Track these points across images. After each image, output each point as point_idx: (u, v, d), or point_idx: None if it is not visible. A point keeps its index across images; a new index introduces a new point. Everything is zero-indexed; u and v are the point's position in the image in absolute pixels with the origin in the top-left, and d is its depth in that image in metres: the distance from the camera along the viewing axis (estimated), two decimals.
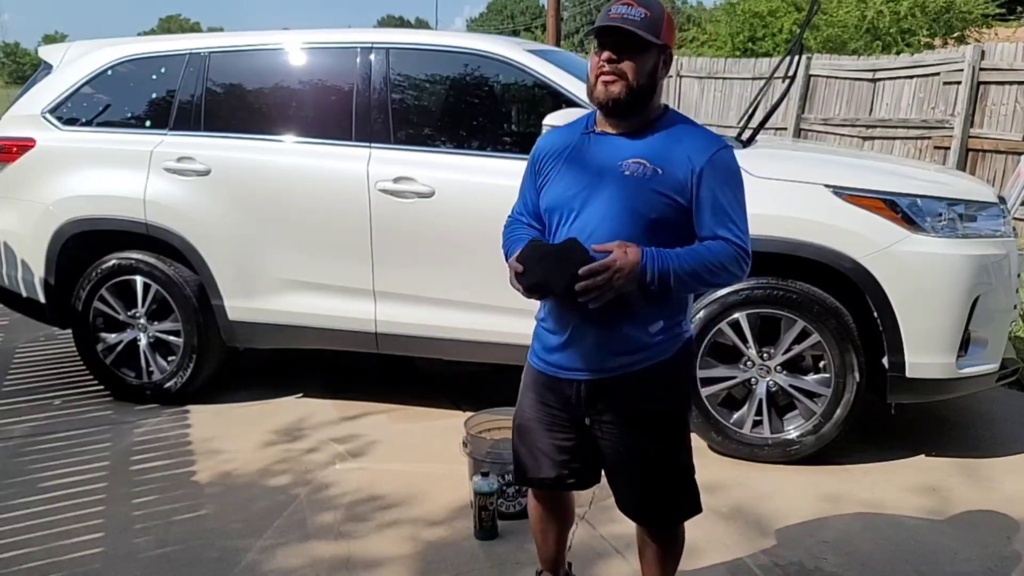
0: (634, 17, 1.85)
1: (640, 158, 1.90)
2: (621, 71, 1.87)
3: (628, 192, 1.89)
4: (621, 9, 1.86)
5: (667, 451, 2.06)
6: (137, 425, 3.92)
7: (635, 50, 1.87)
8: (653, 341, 1.97)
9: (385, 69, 3.86)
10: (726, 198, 1.91)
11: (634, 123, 1.94)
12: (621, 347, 1.96)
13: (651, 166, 1.89)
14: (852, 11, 15.28)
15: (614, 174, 1.91)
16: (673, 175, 1.89)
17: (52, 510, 3.13)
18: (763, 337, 3.45)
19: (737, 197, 1.94)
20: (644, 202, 1.89)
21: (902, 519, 3.07)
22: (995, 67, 8.68)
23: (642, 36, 1.85)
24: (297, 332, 3.97)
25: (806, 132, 11.03)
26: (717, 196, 1.90)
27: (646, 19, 1.85)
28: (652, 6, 1.87)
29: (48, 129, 4.20)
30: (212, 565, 2.78)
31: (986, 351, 3.40)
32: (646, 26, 1.85)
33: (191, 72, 4.08)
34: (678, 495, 2.11)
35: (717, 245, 1.90)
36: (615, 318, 1.92)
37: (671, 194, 1.89)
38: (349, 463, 3.53)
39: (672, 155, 1.90)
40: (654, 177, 1.88)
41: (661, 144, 1.92)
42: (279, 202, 3.87)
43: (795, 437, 3.45)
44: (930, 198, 3.33)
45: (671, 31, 1.93)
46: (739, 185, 1.95)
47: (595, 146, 1.97)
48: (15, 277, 4.28)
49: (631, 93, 1.88)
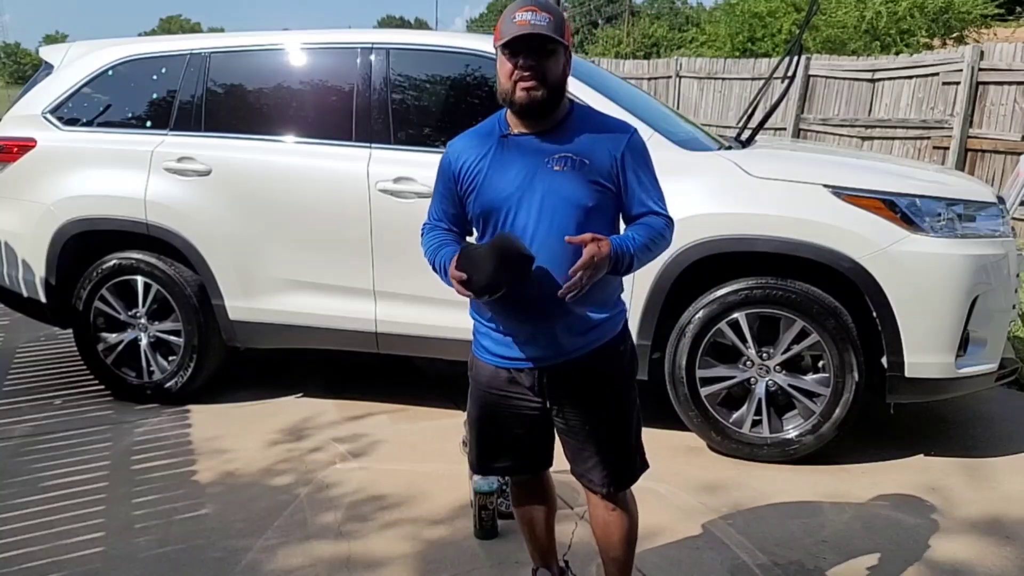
0: (541, 23, 1.94)
1: (565, 152, 2.00)
2: (540, 75, 1.95)
3: (562, 185, 1.99)
4: (527, 16, 1.94)
5: (625, 414, 2.18)
6: (138, 425, 3.93)
7: (547, 54, 1.96)
8: (604, 318, 2.09)
9: (385, 69, 3.86)
10: (648, 177, 2.08)
11: (549, 121, 2.03)
12: (580, 329, 2.06)
13: (578, 158, 2.00)
14: (851, 11, 15.29)
15: (545, 171, 2.00)
16: (599, 163, 2.01)
17: (53, 510, 3.14)
18: (762, 337, 3.46)
19: (654, 173, 2.10)
20: (580, 193, 1.99)
21: (901, 519, 3.08)
22: (994, 67, 8.68)
23: (556, 40, 1.94)
24: (297, 332, 3.98)
25: (805, 132, 11.04)
26: (640, 176, 2.05)
27: (551, 23, 1.95)
28: (552, 11, 1.97)
29: (49, 129, 4.21)
30: (213, 565, 2.79)
31: (985, 351, 3.41)
32: (554, 29, 1.95)
33: (192, 72, 4.09)
34: (635, 452, 2.22)
35: (653, 219, 2.06)
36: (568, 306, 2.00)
37: (602, 181, 2.01)
38: (350, 463, 3.54)
39: (593, 145, 2.02)
40: (583, 167, 2.00)
41: (579, 137, 2.03)
42: (279, 202, 3.88)
43: (794, 437, 3.46)
44: (929, 198, 3.33)
45: (569, 32, 2.03)
46: (651, 162, 2.10)
47: (517, 147, 2.04)
48: (16, 277, 4.28)
49: (550, 94, 1.98)
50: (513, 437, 2.24)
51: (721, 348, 3.49)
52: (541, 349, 2.08)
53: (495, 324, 2.14)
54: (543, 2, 1.97)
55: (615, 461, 2.19)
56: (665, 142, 3.49)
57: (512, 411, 2.20)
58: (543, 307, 2.02)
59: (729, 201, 3.42)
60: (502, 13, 2.04)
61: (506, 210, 2.02)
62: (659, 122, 3.73)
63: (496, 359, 2.17)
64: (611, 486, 2.20)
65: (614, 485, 2.21)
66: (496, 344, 2.16)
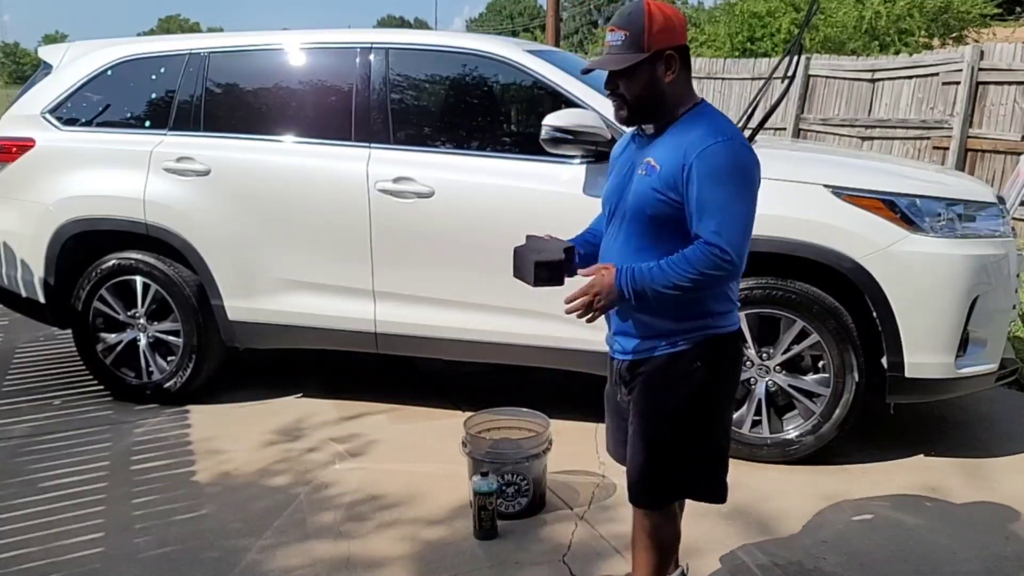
0: (616, 43, 1.97)
1: (650, 157, 2.01)
2: (621, 95, 2.01)
3: (636, 192, 2.01)
4: (609, 37, 2.00)
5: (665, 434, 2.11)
6: (137, 425, 3.92)
7: (620, 76, 1.99)
8: (669, 329, 2.06)
9: (384, 69, 3.86)
10: (714, 195, 1.89)
11: (661, 124, 2.04)
12: (641, 332, 2.09)
13: (656, 165, 1.98)
14: (850, 11, 15.29)
15: (635, 174, 2.04)
16: (667, 172, 1.95)
17: (52, 510, 3.14)
18: (762, 337, 3.45)
19: (726, 192, 1.90)
20: (644, 201, 1.99)
21: (901, 519, 3.07)
22: (994, 67, 8.68)
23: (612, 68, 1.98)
24: (297, 332, 3.98)
25: (805, 132, 11.03)
26: (704, 193, 1.90)
27: (627, 40, 1.96)
28: (632, 22, 1.96)
29: (48, 129, 4.21)
30: (212, 565, 2.78)
31: (985, 351, 3.41)
32: (627, 47, 1.95)
33: (191, 72, 4.08)
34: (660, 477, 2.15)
35: (692, 251, 1.92)
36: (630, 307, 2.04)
37: (665, 191, 1.95)
38: (349, 463, 3.54)
39: (672, 152, 1.96)
40: (654, 175, 1.97)
41: (669, 142, 1.99)
42: (279, 202, 3.88)
43: (794, 437, 3.45)
44: (929, 198, 3.33)
45: (665, 32, 1.96)
46: (730, 180, 1.91)
47: (635, 147, 2.12)
48: (15, 277, 4.28)
49: (632, 111, 2.03)
50: (617, 424, 2.29)
51: None
52: (615, 343, 2.18)
53: None
54: (625, 15, 1.99)
55: (637, 473, 2.17)
56: None
57: (614, 396, 2.28)
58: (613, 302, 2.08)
59: None
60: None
61: (608, 207, 2.14)
62: None
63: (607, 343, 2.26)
64: (631, 495, 2.21)
65: (632, 495, 2.21)
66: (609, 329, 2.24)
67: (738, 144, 1.94)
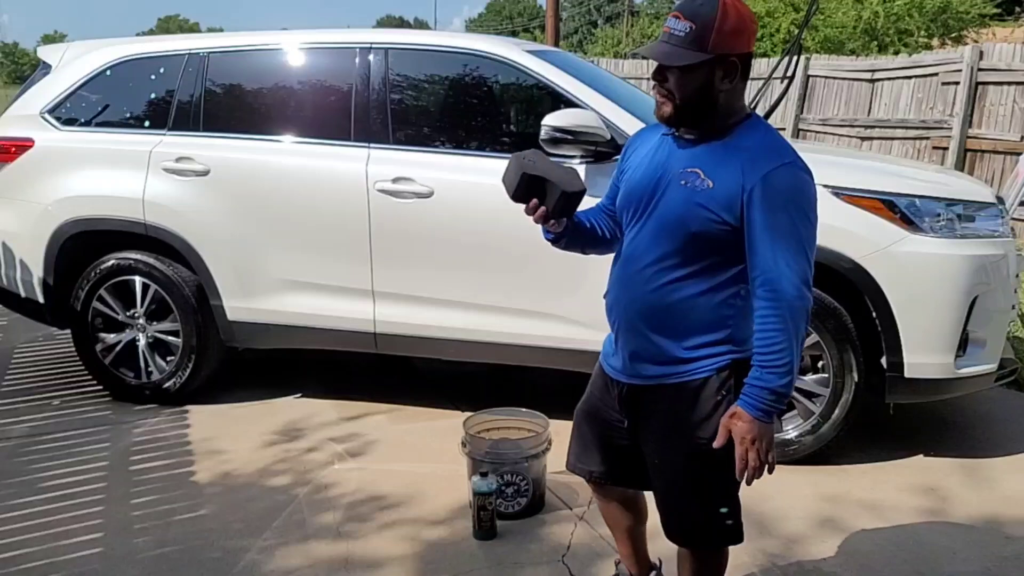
0: (679, 32, 1.76)
1: (697, 168, 1.81)
2: (668, 90, 1.81)
3: (678, 202, 1.81)
4: (670, 22, 1.78)
5: (698, 470, 1.93)
6: (136, 425, 3.92)
7: (677, 70, 1.78)
8: (685, 355, 1.89)
9: (384, 69, 3.86)
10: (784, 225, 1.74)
11: (708, 131, 1.84)
12: (653, 356, 1.92)
13: (704, 177, 1.79)
14: (849, 11, 15.31)
15: (673, 181, 1.84)
16: (722, 191, 1.77)
17: (51, 510, 3.13)
18: None
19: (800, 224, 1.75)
20: (687, 215, 1.79)
21: (901, 519, 3.07)
22: (993, 67, 8.68)
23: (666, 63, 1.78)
24: (296, 332, 3.97)
25: (804, 132, 11.03)
26: (769, 221, 1.73)
27: (691, 33, 1.74)
28: (701, 15, 1.74)
29: (47, 129, 4.20)
30: (211, 565, 2.78)
31: (984, 351, 3.41)
32: (689, 42, 1.74)
33: (190, 72, 4.08)
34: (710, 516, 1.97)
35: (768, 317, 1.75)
36: (643, 324, 1.90)
37: (716, 210, 1.76)
38: (348, 463, 3.53)
39: (726, 168, 1.78)
40: (703, 190, 1.78)
41: (721, 155, 1.81)
42: (278, 202, 3.87)
43: (793, 437, 3.45)
44: (928, 198, 3.33)
45: (735, 35, 1.76)
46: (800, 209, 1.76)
47: (669, 149, 1.89)
48: (14, 277, 4.27)
49: (678, 112, 1.82)
50: (601, 441, 2.14)
51: None
52: (622, 363, 1.99)
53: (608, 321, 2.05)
54: (696, 4, 1.76)
55: (680, 514, 2.01)
56: None
57: (604, 415, 2.11)
58: (623, 320, 1.94)
59: None
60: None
61: (630, 208, 1.91)
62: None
63: (603, 360, 2.10)
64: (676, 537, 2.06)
65: (680, 537, 2.06)
66: (607, 345, 2.09)
67: (801, 167, 1.80)
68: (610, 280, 2.00)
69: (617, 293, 1.96)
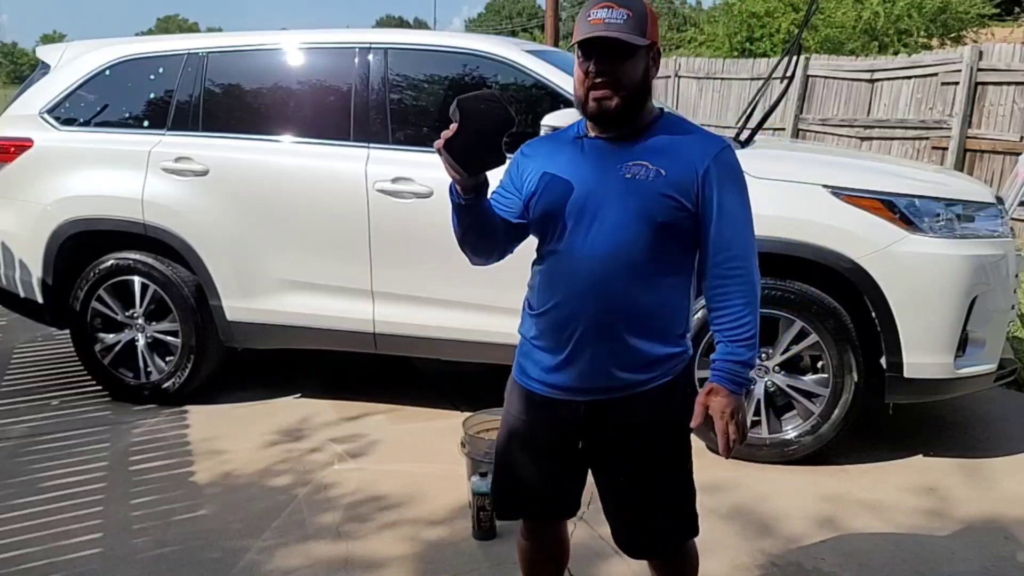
0: (617, 20, 1.71)
1: (642, 160, 1.78)
2: (613, 82, 1.74)
3: (633, 196, 1.77)
4: (601, 13, 1.72)
5: (669, 482, 1.93)
6: (135, 425, 3.92)
7: (623, 56, 1.73)
8: (662, 356, 1.85)
9: (383, 69, 3.86)
10: (735, 203, 1.80)
11: (631, 127, 1.82)
12: (628, 363, 1.83)
13: (654, 167, 1.77)
14: (849, 12, 15.31)
15: (616, 178, 1.78)
16: (678, 176, 1.77)
17: (50, 511, 3.13)
18: (761, 337, 3.43)
19: (743, 200, 1.82)
20: (650, 205, 1.76)
21: (900, 519, 3.07)
22: (993, 68, 8.69)
23: (630, 42, 1.71)
24: (295, 332, 3.97)
25: (804, 132, 11.04)
26: (725, 200, 1.78)
27: (630, 20, 1.71)
28: (633, 4, 1.73)
29: (46, 129, 4.20)
30: (211, 565, 2.78)
31: (984, 351, 3.41)
32: (631, 28, 1.71)
33: (189, 72, 4.08)
34: (677, 526, 1.97)
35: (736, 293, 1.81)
36: (620, 329, 1.81)
37: (677, 196, 1.76)
38: (348, 463, 3.53)
39: (675, 156, 1.78)
40: (658, 178, 1.76)
41: (661, 145, 1.80)
42: (277, 202, 3.87)
43: (793, 437, 3.45)
44: (928, 198, 3.33)
45: (656, 26, 1.78)
46: (743, 188, 1.83)
47: (592, 152, 1.83)
48: (13, 277, 4.27)
49: (626, 102, 1.76)
50: (540, 476, 1.98)
51: None
52: (586, 378, 1.85)
53: (542, 342, 1.89)
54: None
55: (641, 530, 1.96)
56: None
57: (543, 445, 1.95)
58: (594, 328, 1.81)
59: None
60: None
61: (567, 217, 1.80)
62: None
63: (535, 383, 1.92)
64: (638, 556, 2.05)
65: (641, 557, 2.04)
66: (537, 367, 1.91)
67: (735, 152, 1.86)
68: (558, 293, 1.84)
69: (579, 304, 1.81)
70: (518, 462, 2.00)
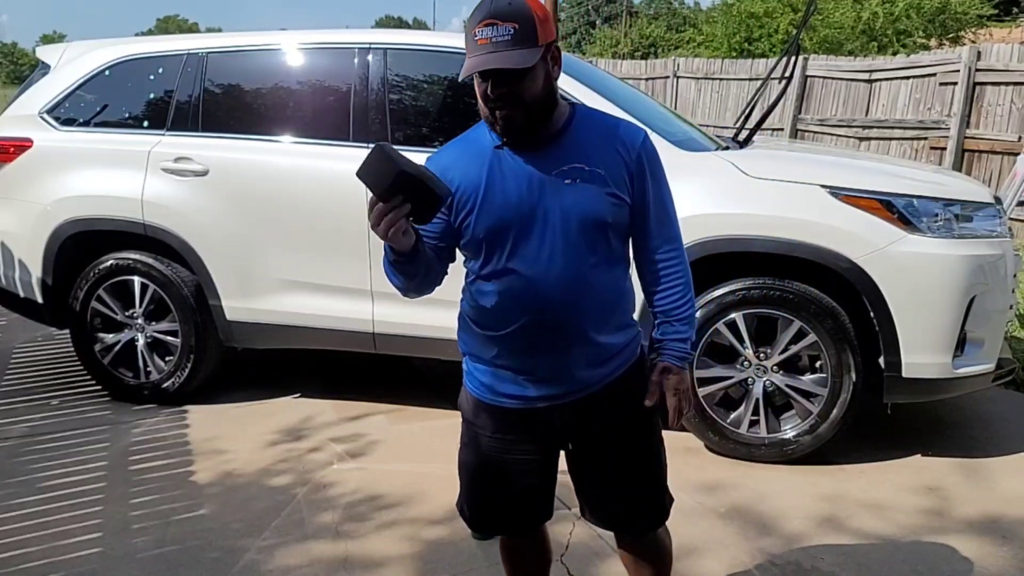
0: (504, 37, 1.64)
1: (575, 163, 1.75)
2: (514, 99, 1.69)
3: (577, 200, 1.74)
4: (487, 32, 1.65)
5: (654, 447, 2.00)
6: (135, 425, 3.92)
7: (519, 76, 1.67)
8: (623, 344, 1.91)
9: (383, 70, 3.86)
10: (662, 192, 1.85)
11: (548, 132, 1.77)
12: (599, 358, 1.86)
13: (590, 168, 1.74)
14: (848, 12, 15.32)
15: (554, 185, 1.74)
16: (613, 172, 1.76)
17: (50, 510, 3.14)
18: (760, 337, 3.46)
19: (667, 183, 1.88)
20: (597, 207, 1.75)
21: (899, 519, 3.08)
22: (991, 68, 8.69)
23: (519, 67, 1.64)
24: (295, 332, 3.98)
25: (802, 133, 11.04)
26: (654, 190, 1.83)
27: (517, 33, 1.64)
28: (518, 13, 1.65)
29: (46, 129, 4.20)
30: (210, 565, 2.78)
31: (982, 351, 3.41)
32: (520, 40, 1.64)
33: (189, 72, 4.09)
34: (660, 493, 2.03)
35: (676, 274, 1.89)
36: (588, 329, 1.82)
37: (618, 192, 1.76)
38: (348, 463, 3.54)
39: (604, 152, 1.76)
40: (597, 178, 1.74)
41: (587, 144, 1.77)
42: (277, 202, 3.88)
43: (792, 437, 3.46)
44: (926, 198, 3.34)
45: (549, 23, 1.71)
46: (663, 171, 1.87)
47: (519, 161, 1.77)
48: (13, 277, 4.28)
49: (530, 114, 1.71)
50: (517, 489, 1.99)
51: (718, 348, 3.49)
52: (558, 385, 1.85)
53: (506, 360, 1.87)
54: (506, 4, 1.66)
55: (648, 499, 2.00)
56: (662, 142, 3.49)
57: (518, 457, 1.94)
58: (560, 337, 1.81)
59: (726, 202, 3.43)
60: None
61: (513, 232, 1.76)
62: (656, 122, 3.73)
63: (504, 399, 1.90)
64: (647, 527, 2.04)
65: (651, 526, 2.04)
66: (503, 382, 1.89)
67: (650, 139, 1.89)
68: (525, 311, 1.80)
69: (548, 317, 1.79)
70: (494, 482, 2.00)
